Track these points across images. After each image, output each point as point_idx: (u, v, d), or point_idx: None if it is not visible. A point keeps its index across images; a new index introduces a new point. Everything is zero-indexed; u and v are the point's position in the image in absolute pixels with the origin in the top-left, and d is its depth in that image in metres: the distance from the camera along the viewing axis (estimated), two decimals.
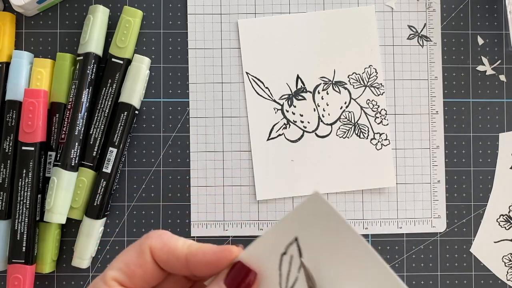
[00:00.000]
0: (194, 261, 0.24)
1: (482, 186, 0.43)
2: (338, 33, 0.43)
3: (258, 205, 0.42)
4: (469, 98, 0.43)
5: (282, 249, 0.23)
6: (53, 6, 0.43)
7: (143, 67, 0.40)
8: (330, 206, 0.22)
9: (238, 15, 0.43)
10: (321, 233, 0.22)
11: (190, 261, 0.24)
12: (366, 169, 0.42)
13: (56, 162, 0.39)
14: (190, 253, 0.24)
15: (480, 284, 0.42)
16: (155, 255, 0.24)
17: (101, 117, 0.40)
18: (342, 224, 0.22)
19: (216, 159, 0.42)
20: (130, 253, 0.24)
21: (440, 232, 0.43)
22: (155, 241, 0.24)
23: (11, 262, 0.39)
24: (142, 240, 0.25)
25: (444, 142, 0.43)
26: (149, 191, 0.42)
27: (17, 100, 0.39)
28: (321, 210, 0.22)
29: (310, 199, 0.22)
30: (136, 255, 0.24)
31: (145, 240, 0.25)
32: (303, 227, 0.23)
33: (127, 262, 0.24)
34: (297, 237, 0.23)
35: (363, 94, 0.43)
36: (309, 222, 0.23)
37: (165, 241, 0.24)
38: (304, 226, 0.23)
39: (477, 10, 0.44)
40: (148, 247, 0.24)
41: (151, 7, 0.43)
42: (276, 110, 0.42)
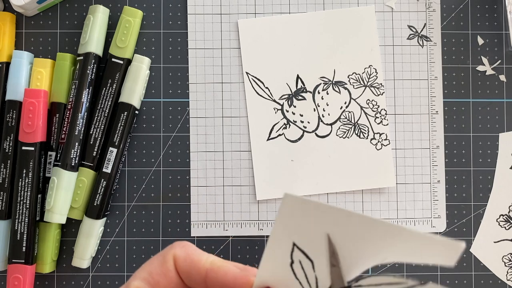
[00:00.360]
0: (213, 278, 0.24)
1: (482, 186, 0.43)
2: (338, 33, 0.43)
3: (258, 205, 0.42)
4: (469, 98, 0.43)
5: (288, 260, 0.23)
6: (53, 6, 0.43)
7: (143, 67, 0.40)
8: (303, 199, 0.22)
9: (238, 15, 0.43)
10: (311, 226, 0.22)
11: (210, 277, 0.24)
12: (366, 169, 0.42)
13: (56, 162, 0.39)
14: (211, 269, 0.24)
15: (480, 284, 0.42)
16: (178, 265, 0.24)
17: (101, 117, 0.40)
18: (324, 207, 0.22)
19: (216, 159, 0.42)
20: (154, 263, 0.25)
21: (440, 232, 0.43)
22: (179, 251, 0.24)
23: (11, 262, 0.39)
24: (166, 250, 0.25)
25: (444, 142, 0.43)
26: (149, 191, 0.42)
27: (17, 100, 0.40)
28: (299, 207, 0.22)
29: (284, 202, 0.22)
30: (160, 264, 0.24)
31: (169, 250, 0.25)
32: (294, 230, 0.22)
33: (151, 271, 0.24)
34: (295, 242, 0.23)
35: (363, 94, 0.43)
36: (296, 223, 0.22)
37: (189, 252, 0.24)
38: (293, 229, 0.22)
39: (477, 10, 0.44)
40: (172, 256, 0.24)
41: (151, 7, 0.43)
42: (276, 110, 0.42)
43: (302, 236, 0.22)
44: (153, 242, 0.42)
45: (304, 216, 0.22)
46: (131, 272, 0.42)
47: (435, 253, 0.21)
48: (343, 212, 0.22)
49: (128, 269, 0.42)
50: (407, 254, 0.21)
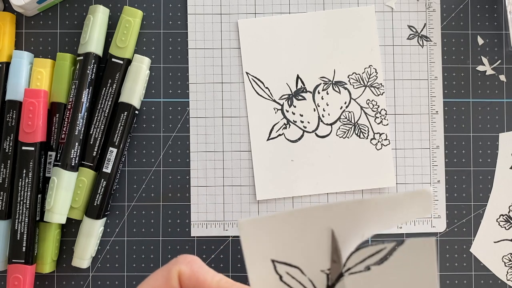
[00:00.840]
0: None
1: (482, 186, 0.43)
2: (338, 33, 0.43)
3: (258, 205, 0.42)
4: (469, 98, 0.43)
5: (276, 277, 0.23)
6: (53, 6, 0.43)
7: (143, 67, 0.40)
8: (258, 219, 0.22)
9: (238, 15, 0.43)
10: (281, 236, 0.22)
11: None
12: (366, 169, 0.42)
13: (56, 162, 0.39)
14: None
15: (480, 284, 0.42)
16: (182, 282, 0.24)
17: (101, 117, 0.40)
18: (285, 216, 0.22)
19: (216, 159, 0.42)
20: (158, 279, 0.24)
21: (440, 232, 0.43)
22: (184, 268, 0.24)
23: (11, 262, 0.39)
24: (170, 265, 0.24)
25: (444, 142, 0.43)
26: (149, 191, 0.42)
27: (17, 100, 0.40)
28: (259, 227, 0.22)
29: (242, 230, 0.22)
30: (164, 281, 0.24)
31: (173, 265, 0.24)
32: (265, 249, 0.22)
33: (155, 287, 0.24)
34: (272, 259, 0.23)
35: (363, 94, 0.43)
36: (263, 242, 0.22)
37: (195, 270, 0.24)
38: (264, 248, 0.22)
39: (477, 10, 0.44)
40: (177, 272, 0.24)
41: (151, 7, 0.43)
42: (276, 110, 0.42)
43: (276, 250, 0.22)
44: (153, 242, 0.42)
45: (269, 232, 0.22)
46: (131, 272, 0.42)
47: (410, 208, 0.22)
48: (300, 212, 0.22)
49: (128, 269, 0.42)
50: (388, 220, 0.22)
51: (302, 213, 0.22)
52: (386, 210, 0.22)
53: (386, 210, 0.22)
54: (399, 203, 0.22)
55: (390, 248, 0.22)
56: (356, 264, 0.22)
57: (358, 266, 0.22)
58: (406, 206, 0.22)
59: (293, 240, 0.22)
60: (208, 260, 0.42)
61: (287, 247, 0.22)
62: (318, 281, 0.23)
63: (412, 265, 0.21)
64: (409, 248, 0.21)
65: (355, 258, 0.22)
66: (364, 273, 0.22)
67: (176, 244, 0.42)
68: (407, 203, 0.22)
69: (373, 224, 0.22)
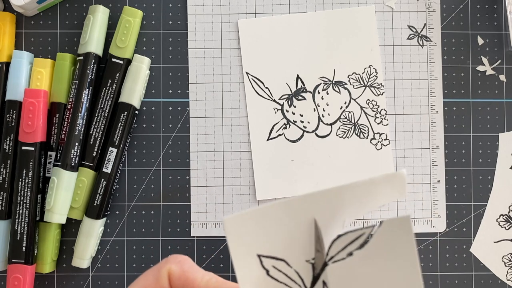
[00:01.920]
0: None
1: (482, 186, 0.43)
2: (338, 33, 0.43)
3: (258, 205, 0.42)
4: (469, 98, 0.43)
5: (263, 271, 0.23)
6: (53, 6, 0.43)
7: (143, 67, 0.40)
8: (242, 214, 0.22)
9: (238, 15, 0.43)
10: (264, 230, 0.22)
11: None
12: (366, 169, 0.42)
13: (56, 162, 0.39)
14: None
15: (480, 284, 0.42)
16: (172, 282, 0.24)
17: (101, 117, 0.40)
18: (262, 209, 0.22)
19: (216, 159, 0.42)
20: (149, 278, 0.24)
21: (440, 232, 0.43)
22: (175, 267, 0.24)
23: (11, 262, 0.39)
24: (161, 264, 0.24)
25: (444, 142, 0.43)
26: (149, 191, 0.42)
27: (17, 100, 0.40)
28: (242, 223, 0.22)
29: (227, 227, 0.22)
30: (154, 280, 0.24)
31: (164, 265, 0.24)
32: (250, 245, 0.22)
33: (145, 287, 0.24)
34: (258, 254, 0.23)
35: (363, 94, 0.43)
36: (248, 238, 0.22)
37: (185, 269, 0.24)
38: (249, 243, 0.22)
39: (477, 10, 0.44)
40: (167, 272, 0.24)
41: (151, 7, 0.43)
42: (276, 110, 0.42)
43: (261, 245, 0.22)
44: (153, 242, 0.42)
45: (253, 226, 0.22)
46: (131, 272, 0.42)
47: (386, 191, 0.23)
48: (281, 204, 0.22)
49: (128, 269, 0.42)
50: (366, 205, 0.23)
51: (284, 204, 0.22)
52: (364, 194, 0.22)
53: (364, 194, 0.22)
54: (375, 187, 0.22)
55: (369, 231, 0.22)
56: (338, 251, 0.22)
57: (340, 254, 0.22)
58: (382, 189, 0.22)
59: (277, 233, 0.22)
60: (208, 260, 0.42)
61: (272, 240, 0.22)
62: (304, 272, 0.23)
63: (392, 245, 0.22)
64: (387, 229, 0.22)
65: (337, 246, 0.22)
66: (347, 260, 0.22)
67: (176, 244, 0.42)
68: (383, 186, 0.22)
69: (353, 210, 0.22)
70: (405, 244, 0.21)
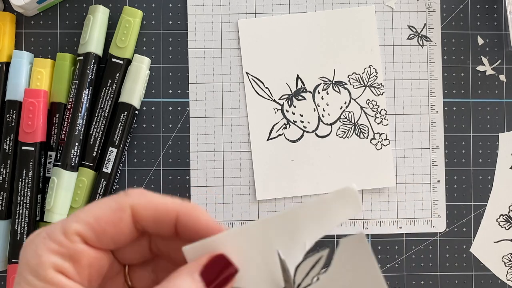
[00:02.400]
0: (184, 222, 0.22)
1: (482, 186, 0.43)
2: (338, 33, 0.43)
3: (258, 205, 0.42)
4: (469, 98, 0.43)
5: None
6: (53, 6, 0.43)
7: (143, 67, 0.40)
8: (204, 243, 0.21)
9: (238, 15, 0.43)
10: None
11: (181, 221, 0.22)
12: (366, 169, 0.42)
13: (56, 162, 0.39)
14: (183, 213, 0.22)
15: (480, 284, 0.42)
16: (139, 215, 0.22)
17: (101, 117, 0.40)
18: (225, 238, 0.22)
19: (216, 159, 0.42)
20: (103, 208, 0.21)
21: (440, 232, 0.43)
22: (138, 199, 0.22)
23: (11, 262, 0.39)
24: (120, 197, 0.22)
25: (444, 142, 0.43)
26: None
27: (17, 100, 0.39)
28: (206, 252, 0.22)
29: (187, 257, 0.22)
30: (112, 212, 0.21)
31: (124, 198, 0.22)
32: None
33: (98, 217, 0.21)
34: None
35: (363, 94, 0.43)
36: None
37: (150, 199, 0.22)
38: None
39: (477, 10, 0.44)
40: (129, 205, 0.22)
41: (151, 7, 0.43)
42: (276, 110, 0.42)
43: None
44: None
45: None
46: None
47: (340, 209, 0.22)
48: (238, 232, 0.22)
49: None
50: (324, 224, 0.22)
51: (241, 233, 0.22)
52: (318, 214, 0.22)
53: (318, 214, 0.22)
54: (328, 205, 0.22)
55: (327, 253, 0.22)
56: (304, 277, 0.22)
57: (306, 279, 0.22)
58: (335, 206, 0.22)
59: (240, 262, 0.22)
60: None
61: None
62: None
63: (353, 263, 0.22)
64: (344, 248, 0.22)
65: (301, 272, 0.22)
66: (315, 285, 0.22)
67: None
68: (336, 203, 0.22)
69: (311, 231, 0.22)
70: (365, 261, 0.21)
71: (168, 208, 0.22)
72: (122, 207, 0.21)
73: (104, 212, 0.21)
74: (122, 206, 0.21)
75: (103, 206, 0.21)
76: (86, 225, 0.21)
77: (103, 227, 0.21)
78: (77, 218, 0.21)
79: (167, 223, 0.22)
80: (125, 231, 0.22)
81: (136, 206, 0.22)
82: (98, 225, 0.21)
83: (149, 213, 0.22)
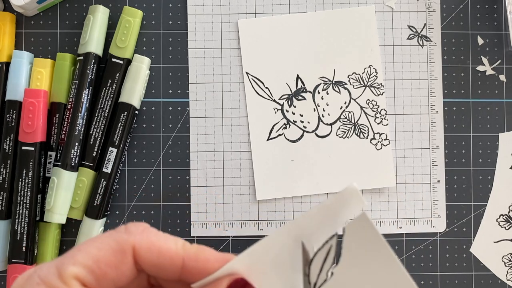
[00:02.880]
0: (192, 268, 0.20)
1: (482, 186, 0.43)
2: (338, 33, 0.43)
3: (258, 205, 0.42)
4: (469, 98, 0.43)
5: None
6: (53, 6, 0.43)
7: (143, 67, 0.40)
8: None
9: (238, 15, 0.43)
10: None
11: (188, 266, 0.21)
12: (366, 169, 0.42)
13: (56, 162, 0.39)
14: (189, 258, 0.21)
15: (480, 284, 0.42)
16: (141, 257, 0.20)
17: (101, 117, 0.40)
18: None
19: (216, 159, 0.42)
20: (103, 249, 0.20)
21: (440, 232, 0.43)
22: (141, 239, 0.20)
23: (11, 262, 0.39)
24: (121, 236, 0.20)
25: (444, 142, 0.43)
26: (149, 191, 0.42)
27: (17, 100, 0.39)
28: None
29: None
30: (112, 253, 0.20)
31: (125, 237, 0.20)
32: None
33: (98, 259, 0.19)
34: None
35: (363, 94, 0.43)
36: None
37: (153, 240, 0.20)
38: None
39: (477, 10, 0.44)
40: (131, 246, 0.20)
41: (151, 7, 0.43)
42: (276, 110, 0.42)
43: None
44: None
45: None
46: None
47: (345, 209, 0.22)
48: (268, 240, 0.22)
49: None
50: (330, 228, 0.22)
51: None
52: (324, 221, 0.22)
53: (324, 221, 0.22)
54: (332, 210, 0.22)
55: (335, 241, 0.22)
56: (319, 274, 0.22)
57: (321, 276, 0.22)
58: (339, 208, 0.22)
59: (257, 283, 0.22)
60: None
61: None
62: None
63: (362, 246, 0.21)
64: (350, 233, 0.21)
65: (314, 270, 0.22)
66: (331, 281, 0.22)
67: None
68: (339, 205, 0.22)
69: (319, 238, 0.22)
70: (373, 240, 0.21)
71: (172, 253, 0.20)
72: (124, 249, 0.20)
73: (104, 253, 0.20)
74: (123, 247, 0.20)
75: (102, 246, 0.20)
76: (85, 268, 0.19)
77: (103, 270, 0.20)
78: (74, 260, 0.19)
79: (172, 269, 0.21)
80: (126, 273, 0.20)
81: (138, 247, 0.20)
82: (98, 268, 0.19)
83: (152, 257, 0.20)
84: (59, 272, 0.19)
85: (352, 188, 0.22)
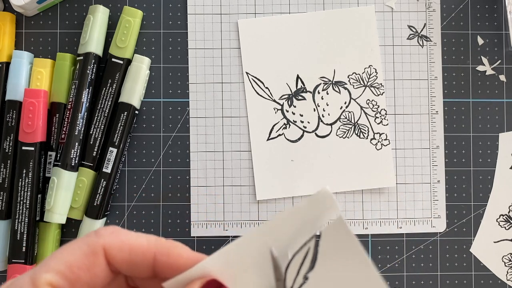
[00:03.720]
0: (164, 263, 0.21)
1: (482, 186, 0.43)
2: (338, 33, 0.43)
3: (258, 205, 0.42)
4: (469, 98, 0.43)
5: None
6: (53, 6, 0.43)
7: (143, 67, 0.40)
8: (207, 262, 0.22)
9: (238, 15, 0.43)
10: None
11: (160, 261, 0.21)
12: (366, 169, 0.42)
13: (56, 162, 0.39)
14: (161, 253, 0.21)
15: (480, 284, 0.42)
16: (112, 257, 0.20)
17: (101, 117, 0.40)
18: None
19: (216, 159, 0.42)
20: (75, 253, 0.20)
21: (440, 232, 0.43)
22: (111, 240, 0.20)
23: (11, 262, 0.39)
24: (91, 239, 0.20)
25: (444, 142, 0.43)
26: (149, 191, 0.42)
27: (17, 100, 0.40)
28: None
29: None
30: (84, 257, 0.20)
31: (95, 239, 0.20)
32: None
33: (70, 264, 0.20)
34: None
35: (363, 94, 0.43)
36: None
37: (124, 239, 0.21)
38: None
39: (477, 10, 0.44)
40: (102, 247, 0.20)
41: (151, 7, 0.43)
42: (276, 110, 0.42)
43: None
44: None
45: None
46: None
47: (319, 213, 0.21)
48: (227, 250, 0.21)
49: None
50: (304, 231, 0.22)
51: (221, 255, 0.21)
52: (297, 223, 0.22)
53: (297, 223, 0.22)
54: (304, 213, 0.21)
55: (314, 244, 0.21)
56: (295, 277, 0.22)
57: (298, 279, 0.22)
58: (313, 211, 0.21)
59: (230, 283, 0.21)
60: None
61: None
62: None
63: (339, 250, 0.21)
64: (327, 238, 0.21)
65: (291, 273, 0.21)
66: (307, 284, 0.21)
67: None
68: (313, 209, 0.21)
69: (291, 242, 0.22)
70: (349, 244, 0.21)
71: (143, 249, 0.21)
72: (95, 251, 0.20)
73: (75, 257, 0.20)
74: (94, 249, 0.20)
75: (73, 251, 0.20)
76: (58, 273, 0.19)
77: (76, 274, 0.20)
78: (47, 268, 0.19)
79: (144, 265, 0.21)
80: (100, 274, 0.20)
81: (109, 247, 0.20)
82: (71, 272, 0.20)
83: (124, 255, 0.21)
84: (33, 282, 0.19)
85: (325, 191, 0.21)
